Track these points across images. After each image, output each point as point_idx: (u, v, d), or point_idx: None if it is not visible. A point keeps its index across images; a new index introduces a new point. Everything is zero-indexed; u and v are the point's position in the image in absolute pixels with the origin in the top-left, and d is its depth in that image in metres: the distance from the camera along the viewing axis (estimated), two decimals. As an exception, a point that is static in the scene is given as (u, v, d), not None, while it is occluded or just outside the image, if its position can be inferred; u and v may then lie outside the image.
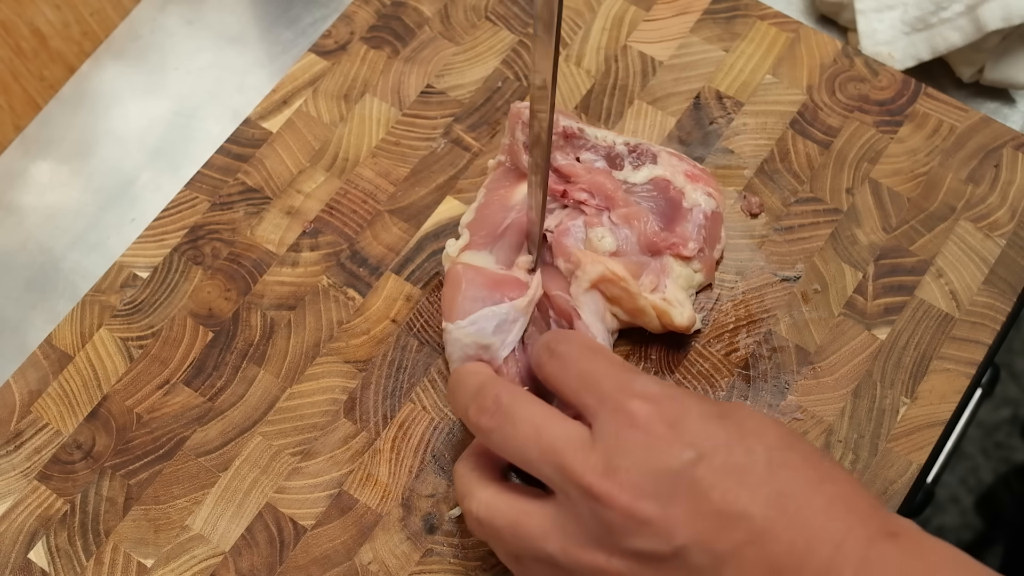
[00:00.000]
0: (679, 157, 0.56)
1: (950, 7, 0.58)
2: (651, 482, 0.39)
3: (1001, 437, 1.32)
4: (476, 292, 0.51)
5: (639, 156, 0.55)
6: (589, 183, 0.53)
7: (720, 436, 0.39)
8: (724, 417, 0.40)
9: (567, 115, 0.55)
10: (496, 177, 0.56)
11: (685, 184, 0.54)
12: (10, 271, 0.59)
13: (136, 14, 0.66)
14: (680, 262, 0.53)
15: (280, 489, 0.52)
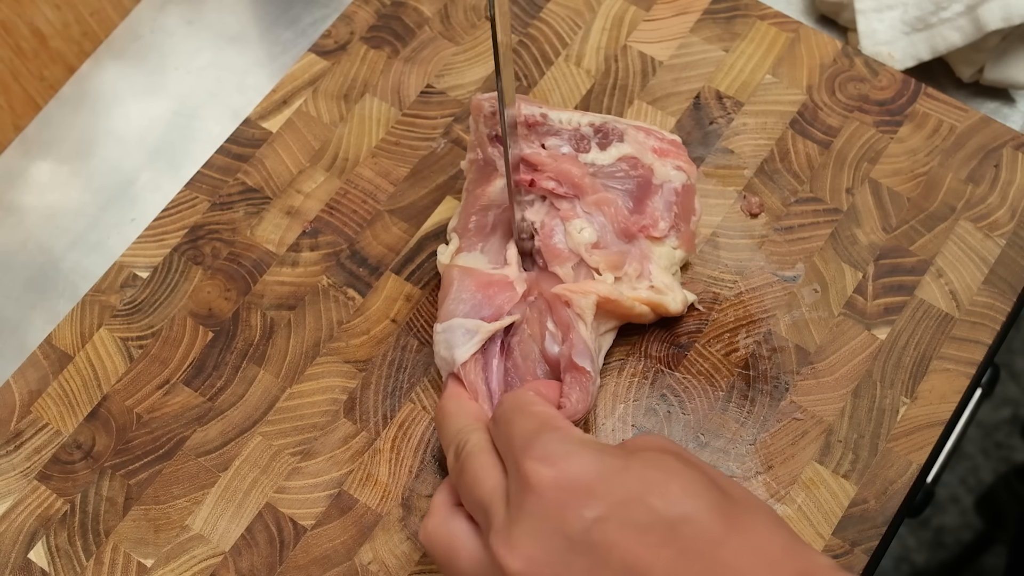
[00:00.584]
0: (646, 131, 0.55)
1: (950, 7, 0.58)
2: (546, 550, 0.38)
3: (1001, 437, 1.32)
4: (463, 294, 0.51)
5: (605, 135, 0.54)
6: (555, 171, 0.52)
7: (619, 494, 0.39)
8: (625, 471, 0.39)
9: (529, 101, 0.54)
10: (472, 177, 0.55)
11: (654, 160, 0.54)
12: (10, 271, 0.59)
13: (136, 14, 0.66)
14: (657, 241, 0.53)
15: (280, 489, 0.52)
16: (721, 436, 0.52)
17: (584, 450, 0.40)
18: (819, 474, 0.51)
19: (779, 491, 0.51)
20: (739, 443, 0.52)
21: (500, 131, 0.52)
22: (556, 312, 0.51)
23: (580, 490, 0.39)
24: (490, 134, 0.53)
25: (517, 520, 0.40)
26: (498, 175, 0.54)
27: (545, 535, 0.39)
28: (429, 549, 0.44)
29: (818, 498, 0.51)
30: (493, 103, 0.53)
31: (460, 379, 0.49)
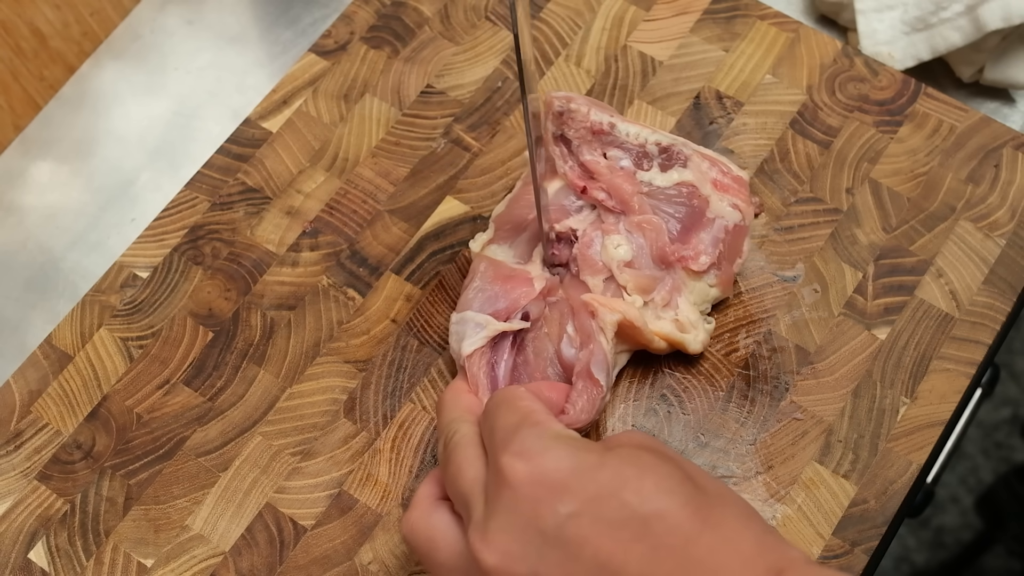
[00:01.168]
0: (712, 161, 0.54)
1: (950, 7, 0.58)
2: (520, 544, 0.39)
3: (1001, 437, 1.32)
4: (483, 284, 0.51)
5: (669, 157, 0.53)
6: (608, 183, 0.52)
7: (591, 490, 0.39)
8: (600, 467, 0.39)
9: (601, 107, 0.53)
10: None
11: (712, 193, 0.53)
12: (10, 271, 0.59)
13: (136, 14, 0.66)
14: (695, 275, 0.52)
15: (280, 489, 0.52)
16: (721, 436, 0.52)
17: (560, 446, 0.40)
18: (819, 474, 0.51)
19: (779, 491, 0.51)
20: (739, 443, 0.52)
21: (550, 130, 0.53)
22: (579, 318, 0.51)
23: (554, 486, 0.39)
24: (555, 133, 0.53)
25: (493, 514, 0.40)
26: (555, 174, 0.54)
27: (519, 530, 0.39)
28: (409, 540, 0.44)
29: (818, 498, 0.51)
30: (565, 104, 0.52)
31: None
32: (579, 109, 0.52)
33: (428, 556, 0.43)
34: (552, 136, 0.53)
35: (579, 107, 0.52)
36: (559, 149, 0.53)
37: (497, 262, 0.52)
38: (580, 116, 0.52)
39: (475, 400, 0.48)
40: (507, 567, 0.39)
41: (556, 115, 0.52)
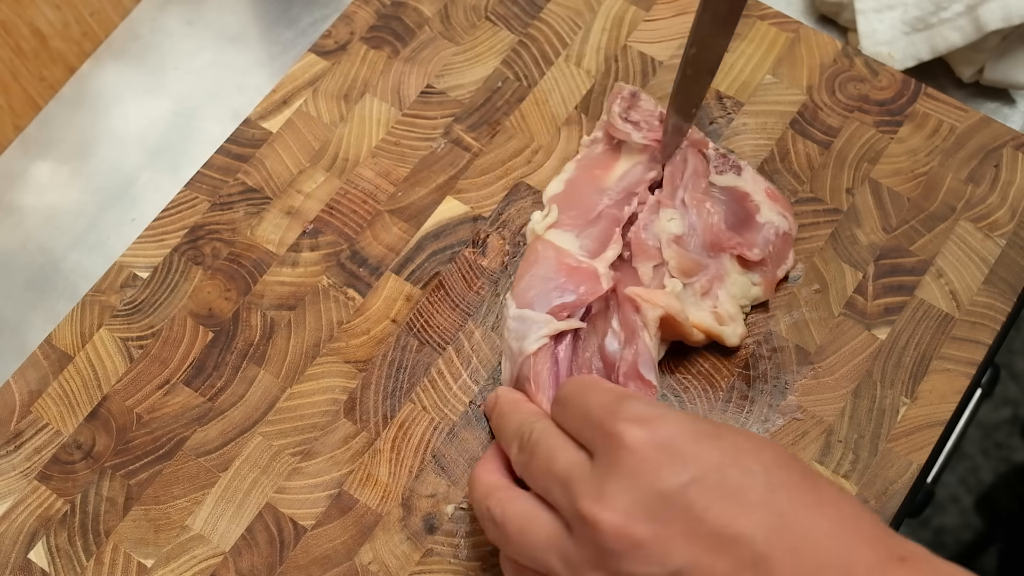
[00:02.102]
0: (763, 180, 0.56)
1: (950, 7, 0.58)
2: (642, 505, 0.38)
3: (1001, 437, 1.32)
4: (547, 273, 0.51)
5: (726, 163, 0.55)
6: (692, 141, 0.54)
7: (714, 456, 0.39)
8: (717, 437, 0.40)
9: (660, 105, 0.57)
10: (590, 154, 0.56)
11: (764, 200, 0.55)
12: (10, 271, 0.59)
13: (136, 14, 0.66)
14: (740, 269, 0.53)
15: (280, 489, 0.52)
16: (721, 436, 0.52)
17: (676, 414, 0.41)
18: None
19: (779, 491, 0.51)
20: (739, 443, 0.52)
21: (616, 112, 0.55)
22: (623, 313, 0.51)
23: (676, 450, 0.39)
24: (623, 115, 0.55)
25: (610, 478, 0.39)
26: (619, 160, 0.55)
27: (641, 491, 0.39)
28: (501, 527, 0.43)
29: (818, 498, 0.51)
30: (637, 94, 0.55)
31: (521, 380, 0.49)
32: (648, 100, 0.56)
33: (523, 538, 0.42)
34: (620, 116, 0.55)
35: (648, 99, 0.56)
36: (629, 126, 0.55)
37: (564, 251, 0.52)
38: (649, 106, 0.55)
39: (535, 405, 0.48)
40: (629, 528, 0.38)
41: (627, 97, 0.55)
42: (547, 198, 0.55)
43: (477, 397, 0.53)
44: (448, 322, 0.55)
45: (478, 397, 0.53)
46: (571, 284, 0.51)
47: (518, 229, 0.57)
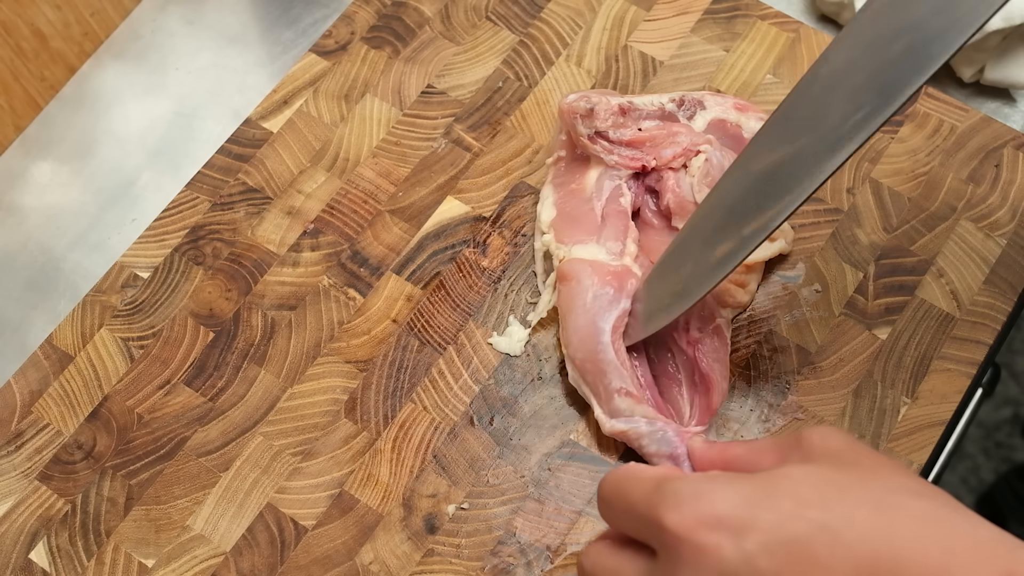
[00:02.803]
0: (721, 95, 0.57)
1: (951, 7, 0.58)
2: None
3: (1002, 437, 1.32)
4: (598, 289, 0.52)
5: (688, 107, 0.56)
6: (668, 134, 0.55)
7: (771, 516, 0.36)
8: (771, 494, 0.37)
9: (610, 93, 0.56)
10: (558, 173, 0.56)
11: (739, 117, 0.56)
12: (11, 271, 0.59)
13: (136, 14, 0.66)
14: None
15: (281, 489, 0.52)
16: (723, 436, 0.52)
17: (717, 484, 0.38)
18: (820, 474, 0.51)
19: (780, 491, 0.51)
20: (740, 443, 0.52)
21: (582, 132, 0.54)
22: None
23: (727, 524, 0.37)
24: (589, 133, 0.55)
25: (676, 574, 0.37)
26: (590, 167, 0.55)
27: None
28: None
29: (819, 498, 0.51)
30: (588, 100, 0.54)
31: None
32: (600, 99, 0.55)
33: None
34: (588, 137, 0.55)
35: (599, 98, 0.55)
36: (600, 145, 0.55)
37: (596, 262, 0.53)
38: (604, 104, 0.55)
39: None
40: None
41: (585, 115, 0.54)
42: (545, 224, 0.55)
43: (478, 397, 0.53)
44: (449, 322, 0.55)
45: (479, 397, 0.53)
46: (618, 290, 0.51)
47: (519, 229, 0.57)
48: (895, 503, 0.36)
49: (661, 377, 0.52)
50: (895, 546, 0.35)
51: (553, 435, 0.53)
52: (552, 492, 0.51)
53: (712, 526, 0.37)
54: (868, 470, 0.38)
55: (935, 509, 0.36)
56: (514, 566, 0.50)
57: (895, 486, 0.37)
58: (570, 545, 0.50)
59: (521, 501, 0.51)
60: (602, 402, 0.50)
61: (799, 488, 0.37)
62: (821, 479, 0.37)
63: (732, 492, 0.37)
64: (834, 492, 0.37)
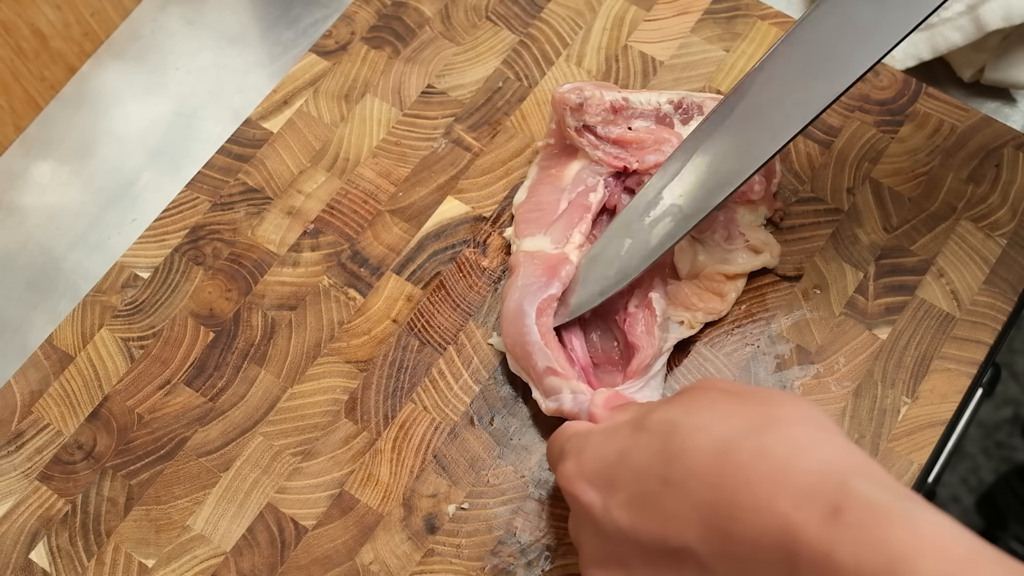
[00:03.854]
0: None
1: (951, 7, 0.58)
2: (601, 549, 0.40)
3: (1002, 437, 1.32)
4: (529, 276, 0.52)
5: (686, 111, 0.56)
6: (656, 140, 0.54)
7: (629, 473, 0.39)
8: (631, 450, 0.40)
9: (606, 87, 0.56)
10: (545, 156, 0.57)
11: None
12: (11, 271, 0.59)
13: (137, 14, 0.66)
14: (748, 205, 0.55)
15: (281, 489, 0.52)
16: (722, 436, 0.52)
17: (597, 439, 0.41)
18: (820, 474, 0.51)
19: (780, 491, 0.51)
20: (740, 443, 0.52)
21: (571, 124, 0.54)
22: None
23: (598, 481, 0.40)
24: (577, 126, 0.55)
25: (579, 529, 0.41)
26: (574, 160, 0.55)
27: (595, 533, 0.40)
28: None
29: (819, 498, 0.51)
30: (580, 94, 0.54)
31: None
32: (593, 94, 0.54)
33: None
34: (576, 129, 0.54)
35: (592, 92, 0.54)
36: (586, 139, 0.55)
37: (535, 252, 0.53)
38: (596, 100, 0.54)
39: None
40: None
41: (575, 108, 0.54)
42: (515, 207, 0.56)
43: (478, 397, 0.53)
44: (449, 322, 0.55)
45: (479, 397, 0.53)
46: (550, 276, 0.52)
47: (519, 229, 0.57)
48: (732, 447, 0.36)
49: (605, 364, 0.53)
50: (727, 494, 0.35)
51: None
52: (553, 492, 0.51)
53: (587, 482, 0.40)
54: (719, 411, 0.38)
55: (770, 447, 0.36)
56: (514, 566, 0.50)
57: (741, 425, 0.37)
58: (570, 545, 0.50)
59: (521, 501, 0.51)
60: (536, 384, 0.51)
61: (651, 441, 0.39)
62: (669, 429, 0.39)
63: (603, 449, 0.40)
64: (677, 443, 0.38)
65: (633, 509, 0.38)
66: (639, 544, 0.38)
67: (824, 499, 0.33)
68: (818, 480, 0.34)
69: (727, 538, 0.35)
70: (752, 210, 0.55)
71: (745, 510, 0.34)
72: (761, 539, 0.34)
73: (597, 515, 0.39)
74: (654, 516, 0.37)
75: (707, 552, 0.36)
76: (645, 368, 0.50)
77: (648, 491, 0.38)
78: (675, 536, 0.36)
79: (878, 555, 0.31)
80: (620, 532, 0.38)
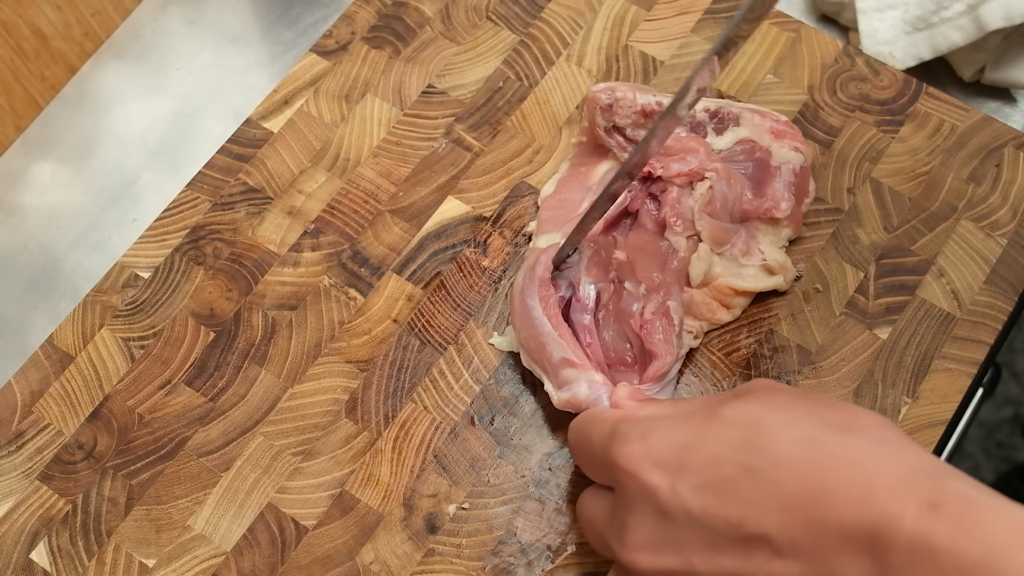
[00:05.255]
0: (762, 114, 0.56)
1: (951, 6, 0.58)
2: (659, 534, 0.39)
3: (1002, 436, 1.32)
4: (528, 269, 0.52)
5: (721, 120, 0.55)
6: (683, 150, 0.53)
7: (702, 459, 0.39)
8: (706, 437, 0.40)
9: (642, 89, 0.55)
10: (578, 153, 0.57)
11: (771, 142, 0.55)
12: (12, 271, 0.59)
13: (137, 14, 0.66)
14: (772, 223, 0.54)
15: (282, 489, 0.52)
16: (723, 436, 0.52)
17: (661, 424, 0.41)
18: (821, 474, 0.51)
19: (781, 491, 0.51)
20: (741, 443, 0.52)
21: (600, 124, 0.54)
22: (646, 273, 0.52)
23: (667, 465, 0.39)
24: (607, 126, 0.55)
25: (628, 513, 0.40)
26: (604, 160, 0.56)
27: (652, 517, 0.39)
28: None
29: (820, 498, 0.51)
30: (611, 94, 0.54)
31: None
32: (625, 95, 0.54)
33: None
34: (605, 129, 0.55)
35: (625, 94, 0.54)
36: (615, 139, 0.55)
37: (546, 249, 0.53)
38: (628, 102, 0.54)
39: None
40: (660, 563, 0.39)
41: (605, 108, 0.54)
42: (541, 199, 0.56)
43: (478, 397, 0.53)
44: (449, 322, 0.55)
45: (479, 397, 0.53)
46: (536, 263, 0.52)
47: (519, 229, 0.57)
48: (821, 440, 0.37)
49: (618, 365, 0.52)
50: (819, 485, 0.36)
51: (554, 435, 0.53)
52: (553, 492, 0.51)
53: (654, 465, 0.40)
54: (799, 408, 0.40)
55: (860, 444, 0.37)
56: (515, 566, 0.50)
57: (824, 422, 0.38)
58: (571, 545, 0.50)
59: (522, 501, 0.51)
60: (550, 377, 0.51)
61: (730, 431, 0.39)
62: (752, 420, 0.39)
63: (672, 434, 0.40)
64: (762, 433, 0.38)
65: (707, 494, 0.38)
66: (707, 529, 0.38)
67: (920, 494, 0.34)
68: (912, 478, 0.35)
69: (814, 527, 0.36)
70: (776, 230, 0.55)
71: (838, 501, 0.35)
72: (852, 528, 0.35)
73: (663, 498, 0.39)
74: (732, 502, 0.38)
75: (785, 539, 0.36)
76: (663, 375, 0.50)
77: (726, 478, 0.38)
78: (753, 523, 0.37)
79: (977, 544, 0.33)
80: (688, 516, 0.38)
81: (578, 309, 0.52)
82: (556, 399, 0.50)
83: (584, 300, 0.52)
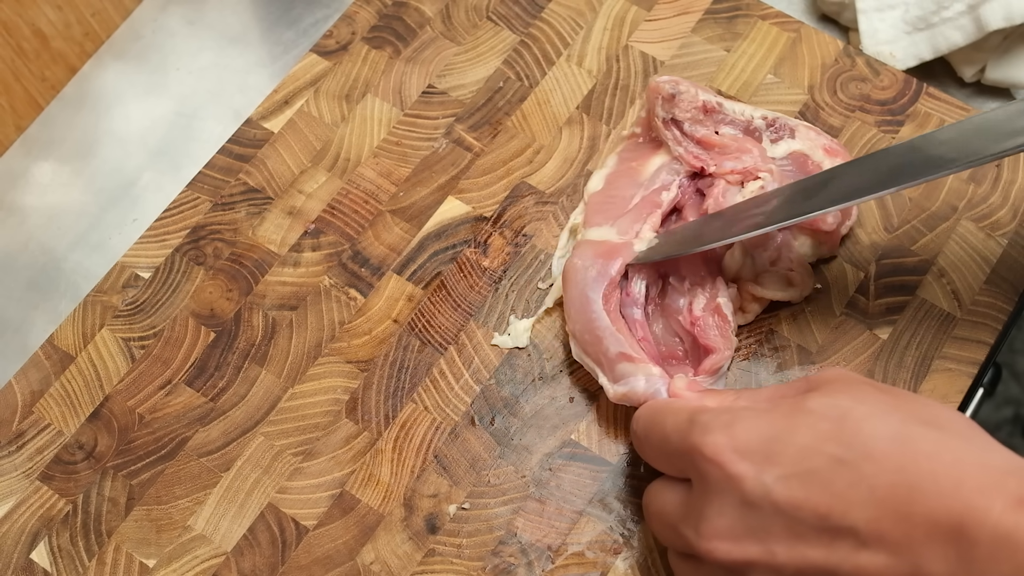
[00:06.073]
0: (817, 131, 0.56)
1: (952, 6, 0.58)
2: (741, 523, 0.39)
3: (1003, 437, 1.32)
4: (590, 263, 0.52)
5: (777, 130, 0.55)
6: (738, 149, 0.53)
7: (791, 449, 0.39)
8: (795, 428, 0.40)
9: (705, 89, 0.55)
10: (629, 147, 0.57)
11: (824, 159, 0.55)
12: (12, 272, 0.60)
13: (137, 14, 0.66)
14: (812, 235, 0.54)
15: (282, 489, 0.52)
16: (723, 436, 0.52)
17: (746, 415, 0.41)
18: (821, 474, 0.51)
19: (781, 491, 0.51)
20: (741, 443, 0.52)
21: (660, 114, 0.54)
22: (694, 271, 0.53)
23: (754, 455, 0.39)
24: (666, 117, 0.55)
25: (707, 503, 0.40)
26: (656, 155, 0.55)
27: (735, 506, 0.39)
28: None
29: (820, 498, 0.51)
30: (675, 86, 0.54)
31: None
32: (688, 90, 0.54)
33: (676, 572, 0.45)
34: (664, 120, 0.54)
35: (688, 88, 0.54)
36: (672, 132, 0.55)
37: (603, 242, 0.53)
38: (690, 96, 0.54)
39: None
40: (739, 552, 0.39)
41: (667, 98, 0.54)
42: (587, 193, 0.56)
43: (479, 397, 0.53)
44: (450, 322, 0.55)
45: (480, 397, 0.53)
46: (609, 260, 0.52)
47: (520, 229, 0.57)
48: (910, 435, 0.38)
49: (668, 359, 0.52)
50: (909, 478, 0.37)
51: (554, 435, 0.53)
52: (553, 492, 0.51)
53: (740, 455, 0.39)
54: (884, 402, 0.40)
55: (948, 440, 0.38)
56: (515, 566, 0.50)
57: (911, 417, 0.39)
58: (571, 545, 0.50)
59: (522, 501, 0.51)
60: (606, 371, 0.51)
61: (819, 422, 0.39)
62: (840, 413, 0.39)
63: (758, 424, 0.40)
64: (851, 426, 0.39)
65: (794, 485, 0.38)
66: (792, 519, 0.38)
67: (1007, 491, 0.35)
68: (999, 475, 0.36)
69: (902, 519, 0.36)
70: (813, 244, 0.54)
71: (927, 495, 0.36)
72: (940, 521, 0.35)
73: (748, 487, 0.39)
74: (820, 493, 0.38)
75: (872, 530, 0.37)
76: (719, 368, 0.51)
77: (815, 469, 0.38)
78: (839, 514, 0.37)
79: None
80: (773, 506, 0.38)
81: (628, 304, 0.52)
82: (612, 393, 0.50)
83: (635, 295, 0.52)
